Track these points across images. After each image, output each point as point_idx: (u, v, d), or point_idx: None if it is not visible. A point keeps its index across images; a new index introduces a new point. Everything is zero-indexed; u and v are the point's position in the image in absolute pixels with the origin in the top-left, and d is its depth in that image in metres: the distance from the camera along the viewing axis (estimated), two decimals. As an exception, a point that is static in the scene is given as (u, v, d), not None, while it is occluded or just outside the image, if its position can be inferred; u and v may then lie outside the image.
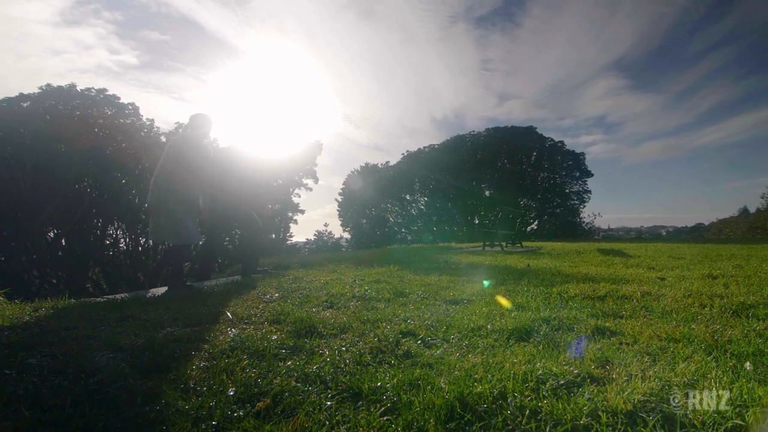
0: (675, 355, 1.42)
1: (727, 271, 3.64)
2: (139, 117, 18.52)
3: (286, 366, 1.41)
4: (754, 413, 0.94)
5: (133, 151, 17.54)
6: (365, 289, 3.31)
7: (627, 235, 32.46)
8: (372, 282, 3.72)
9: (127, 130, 17.89)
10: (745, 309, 2.10)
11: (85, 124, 16.24)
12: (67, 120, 16.01)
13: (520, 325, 1.86)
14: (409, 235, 28.28)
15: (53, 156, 14.76)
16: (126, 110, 18.14)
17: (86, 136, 16.02)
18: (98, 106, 17.44)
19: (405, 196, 28.40)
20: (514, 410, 1.01)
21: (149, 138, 18.71)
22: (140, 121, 18.59)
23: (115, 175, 17.08)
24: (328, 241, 24.93)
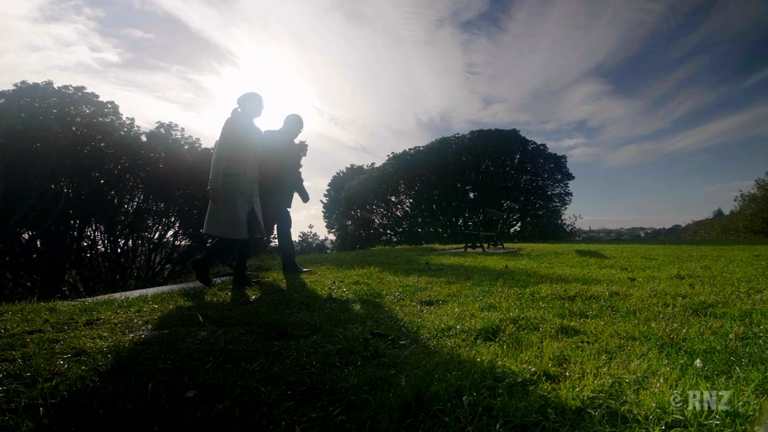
0: (631, 353, 1.46)
1: (694, 271, 3.76)
2: (118, 115, 18.14)
3: (251, 368, 1.41)
4: (693, 407, 0.98)
5: (113, 151, 17.17)
6: (343, 291, 3.31)
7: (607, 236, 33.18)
8: (351, 283, 3.72)
9: (106, 129, 17.50)
10: (705, 308, 2.18)
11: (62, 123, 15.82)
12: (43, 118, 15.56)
13: (488, 326, 1.90)
14: (395, 236, 28.33)
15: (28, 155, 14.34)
16: (105, 108, 17.74)
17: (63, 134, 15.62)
18: (76, 104, 17.00)
19: (390, 198, 28.45)
20: (468, 408, 1.04)
21: (129, 137, 18.34)
22: (120, 120, 18.21)
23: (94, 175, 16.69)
24: (312, 242, 24.81)
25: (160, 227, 19.28)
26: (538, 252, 7.18)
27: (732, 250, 6.29)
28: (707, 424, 0.93)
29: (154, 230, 18.91)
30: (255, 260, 8.02)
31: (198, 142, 20.33)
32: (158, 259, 19.05)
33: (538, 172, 26.90)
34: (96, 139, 16.98)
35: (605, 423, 0.96)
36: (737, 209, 23.99)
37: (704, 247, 7.21)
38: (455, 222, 26.42)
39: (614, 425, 0.95)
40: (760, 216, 20.68)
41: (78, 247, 16.25)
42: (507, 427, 0.96)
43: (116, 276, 16.71)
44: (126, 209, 18.10)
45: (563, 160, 26.89)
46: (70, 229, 16.23)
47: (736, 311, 2.06)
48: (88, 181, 16.09)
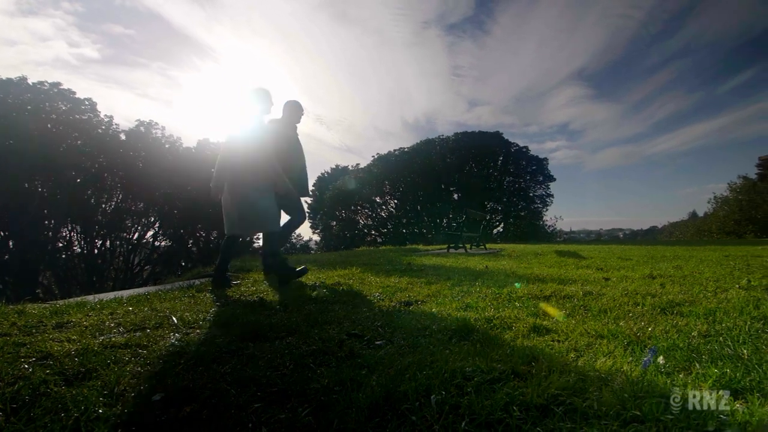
0: (598, 351, 1.50)
1: (666, 271, 3.87)
2: (96, 113, 17.70)
3: (223, 370, 1.40)
4: (650, 404, 1.02)
5: (90, 149, 16.75)
6: (323, 292, 3.31)
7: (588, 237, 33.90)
8: (332, 284, 3.72)
9: (84, 126, 17.06)
10: (673, 307, 2.25)
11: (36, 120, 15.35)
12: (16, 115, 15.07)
13: (463, 325, 1.92)
14: (380, 237, 28.36)
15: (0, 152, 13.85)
16: (82, 105, 17.29)
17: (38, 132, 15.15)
18: (52, 100, 16.52)
19: (375, 199, 28.47)
20: (436, 406, 1.05)
21: (108, 135, 17.91)
22: (98, 118, 17.77)
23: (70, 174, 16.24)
24: (297, 243, 24.62)
25: (140, 227, 18.87)
26: (519, 253, 7.29)
27: (704, 251, 6.50)
28: (663, 420, 0.96)
29: (133, 230, 18.50)
30: (236, 261, 7.92)
31: (179, 141, 19.99)
32: (137, 260, 18.64)
33: (520, 174, 27.32)
34: (72, 137, 16.53)
35: (567, 419, 0.99)
36: (711, 211, 24.82)
37: (678, 248, 7.42)
38: (439, 223, 26.60)
39: (575, 421, 0.98)
40: (731, 218, 21.42)
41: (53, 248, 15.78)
42: (472, 424, 0.98)
43: (93, 277, 16.30)
44: (104, 209, 17.66)
45: (545, 162, 27.39)
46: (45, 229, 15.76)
47: (702, 310, 2.14)
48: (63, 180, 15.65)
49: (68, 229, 16.93)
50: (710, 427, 0.92)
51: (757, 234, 17.43)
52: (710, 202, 25.18)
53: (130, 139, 18.59)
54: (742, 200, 21.53)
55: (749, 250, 6.46)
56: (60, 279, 16.01)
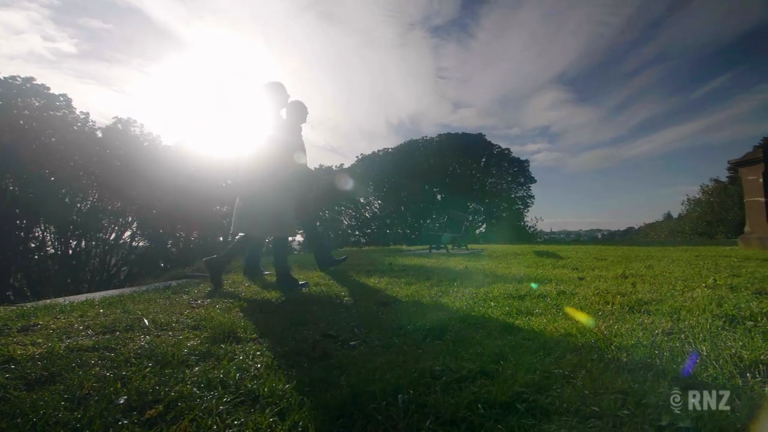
0: (566, 349, 1.54)
1: (638, 271, 3.98)
2: (71, 109, 17.19)
3: (192, 372, 1.38)
4: (609, 400, 1.05)
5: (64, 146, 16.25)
6: (302, 293, 3.29)
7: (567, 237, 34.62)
8: (311, 285, 3.69)
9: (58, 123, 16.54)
10: (641, 305, 2.32)
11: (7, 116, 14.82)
12: (-15, 111, 14.50)
13: (437, 325, 1.94)
14: (363, 237, 28.33)
15: (-33, 150, 13.33)
16: (57, 102, 16.76)
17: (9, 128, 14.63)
18: (24, 96, 15.97)
19: (359, 199, 28.44)
20: (402, 405, 1.06)
21: (83, 132, 17.41)
22: (73, 114, 17.26)
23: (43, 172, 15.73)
24: (279, 243, 24.34)
25: (117, 228, 18.39)
26: (499, 253, 7.38)
27: (676, 251, 6.71)
28: (620, 415, 0.99)
29: (110, 231, 18.02)
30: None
31: (159, 139, 19.54)
32: (114, 261, 18.16)
33: (502, 176, 27.71)
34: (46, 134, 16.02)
35: (529, 416, 1.01)
36: (684, 212, 25.66)
37: (651, 248, 7.64)
38: (423, 223, 26.74)
39: (537, 418, 1.00)
40: (704, 219, 22.18)
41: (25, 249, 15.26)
42: (437, 422, 0.99)
43: (67, 279, 15.81)
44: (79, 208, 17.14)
45: (526, 164, 27.85)
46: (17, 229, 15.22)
47: (668, 308, 2.21)
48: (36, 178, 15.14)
49: (41, 229, 16.38)
50: (664, 422, 0.96)
51: (728, 235, 18.06)
52: (684, 204, 26.06)
53: (107, 136, 18.10)
54: (714, 202, 22.32)
55: (718, 251, 6.70)
56: (32, 281, 15.48)
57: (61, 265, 16.08)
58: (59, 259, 16.09)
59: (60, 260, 16.09)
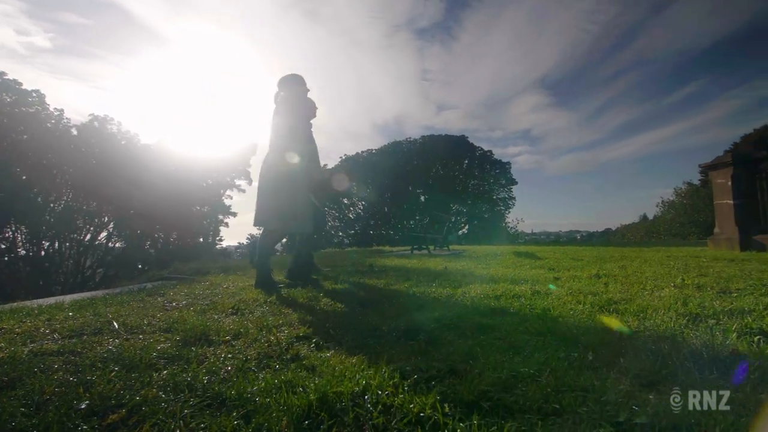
0: (535, 348, 1.57)
1: (611, 271, 4.09)
2: (45, 106, 16.67)
3: (159, 376, 1.36)
4: (570, 397, 1.08)
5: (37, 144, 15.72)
6: (280, 295, 3.26)
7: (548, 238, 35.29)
8: (287, 287, 3.67)
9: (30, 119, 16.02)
10: (611, 305, 2.38)
11: (-25, 112, 14.26)
12: (-49, 106, 13.95)
13: (412, 325, 1.96)
14: (347, 238, 28.25)
15: (-69, 147, 12.79)
16: (30, 98, 16.23)
17: (-24, 125, 14.09)
18: (-7, 92, 15.38)
19: (343, 200, 28.34)
20: (370, 406, 1.07)
21: (57, 130, 16.89)
22: (46, 111, 16.74)
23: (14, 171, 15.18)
24: (261, 244, 24.04)
25: (92, 228, 17.88)
26: (480, 254, 7.47)
27: (649, 252, 6.90)
28: (580, 412, 1.02)
29: (85, 231, 17.51)
30: (193, 263, 7.67)
31: (137, 137, 19.11)
32: (89, 263, 17.65)
33: (484, 177, 28.05)
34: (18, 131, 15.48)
35: (493, 414, 1.03)
36: (659, 214, 26.45)
37: (626, 249, 7.85)
38: (406, 224, 26.83)
39: (500, 416, 1.02)
40: (677, 220, 22.89)
41: (-7, 250, 14.72)
42: (402, 422, 1.00)
43: (39, 281, 15.30)
44: (52, 208, 16.61)
45: (508, 166, 28.26)
46: (-16, 230, 14.66)
47: (636, 307, 2.27)
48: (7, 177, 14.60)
49: (11, 230, 15.81)
50: (621, 417, 0.99)
51: (699, 236, 18.67)
52: (658, 206, 26.85)
53: (82, 134, 17.59)
54: (687, 204, 23.06)
55: (690, 251, 6.92)
56: (2, 283, 14.91)
57: (32, 267, 15.55)
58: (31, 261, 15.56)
59: (31, 262, 15.56)
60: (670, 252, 6.77)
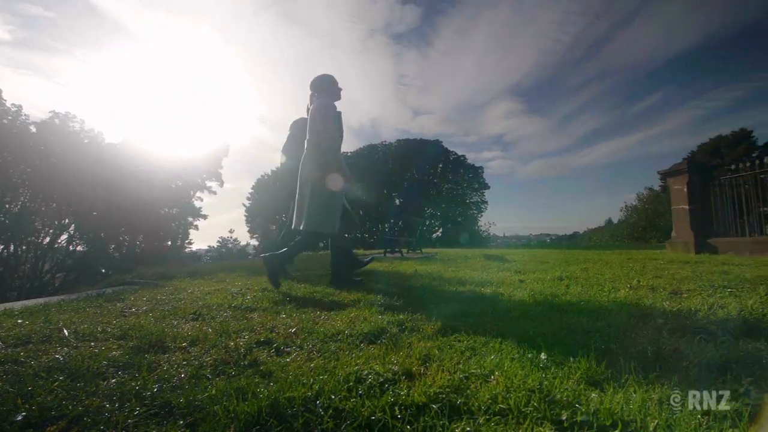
0: (491, 349, 1.61)
1: (574, 273, 4.23)
2: (2, 101, 15.80)
3: (106, 385, 1.31)
4: (517, 397, 1.11)
5: (-10, 142, 14.88)
6: (246, 299, 3.20)
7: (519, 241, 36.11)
8: (258, 291, 3.61)
9: (-17, 116, 15.13)
10: (569, 306, 2.46)
11: None
12: None
13: (375, 329, 1.96)
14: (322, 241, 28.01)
15: None
16: (-17, 93, 15.32)
17: (-77, 120, 13.23)
18: (-57, 85, 14.47)
19: (318, 202, 28.11)
20: (321, 410, 1.07)
21: (14, 126, 16.05)
22: (3, 107, 15.88)
23: (-36, 170, 14.30)
24: (233, 248, 23.54)
25: (51, 230, 17.04)
26: (451, 256, 7.57)
27: (611, 255, 7.18)
28: (524, 411, 1.05)
29: (43, 234, 16.66)
30: (159, 267, 7.43)
31: (101, 135, 18.38)
32: (47, 267, 16.79)
33: (458, 181, 28.50)
34: (-32, 127, 14.61)
35: (441, 416, 1.05)
36: (623, 218, 27.58)
37: (590, 252, 8.13)
38: (381, 227, 26.89)
39: (448, 418, 1.04)
40: (639, 225, 23.94)
41: (-60, 254, 13.82)
42: (352, 426, 1.01)
43: (-8, 286, 14.43)
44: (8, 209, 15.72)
45: (480, 170, 28.84)
46: (-70, 232, 13.76)
47: (592, 308, 2.36)
48: (-45, 176, 13.76)
49: (-39, 232, 14.88)
50: (563, 416, 1.03)
51: (659, 239, 19.56)
52: (622, 211, 27.99)
53: (42, 131, 16.77)
54: (648, 209, 24.16)
55: (649, 254, 7.24)
56: (-51, 288, 14.02)
57: (-15, 271, 14.69)
58: (-17, 265, 14.68)
59: (-16, 265, 14.68)
60: (631, 255, 7.06)
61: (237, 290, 3.67)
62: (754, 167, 7.25)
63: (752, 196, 7.23)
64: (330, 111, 3.73)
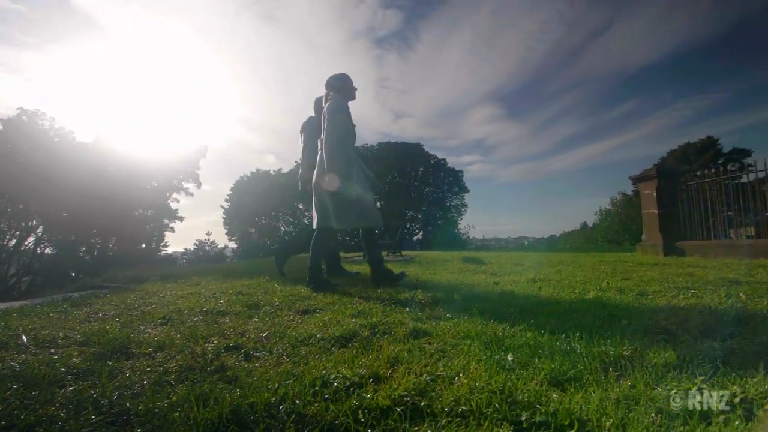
0: (460, 351, 1.63)
1: (547, 275, 4.31)
2: (-37, 98, 15.09)
3: (63, 393, 1.27)
4: (479, 399, 1.13)
5: (-48, 140, 14.24)
6: (219, 303, 3.14)
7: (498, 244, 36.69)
8: (233, 294, 3.55)
9: (-56, 113, 14.43)
10: (539, 307, 2.51)
11: None
12: None
13: (347, 332, 1.96)
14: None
15: None
16: (-57, 89, 14.62)
17: None
18: None
19: (298, 205, 27.90)
20: (284, 415, 1.06)
21: (-23, 124, 15.37)
22: (-35, 104, 15.16)
23: None
24: (210, 251, 23.07)
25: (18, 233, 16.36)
26: (430, 259, 7.62)
27: (585, 257, 7.36)
28: (485, 413, 1.07)
29: (9, 236, 15.98)
30: (131, 271, 7.23)
31: (72, 134, 17.78)
32: (13, 271, 16.10)
33: (439, 185, 28.75)
34: (-73, 124, 13.94)
35: (405, 419, 1.06)
36: (597, 222, 28.36)
37: (564, 254, 8.32)
38: (362, 230, 26.85)
39: (411, 420, 1.05)
40: (613, 228, 24.64)
41: None
42: (314, 431, 1.00)
43: (-49, 291, 13.75)
44: (-31, 210, 15.03)
45: (460, 174, 29.20)
46: None
47: (561, 309, 2.42)
48: None
49: None
50: (523, 417, 1.05)
51: (632, 242, 20.16)
52: (597, 214, 28.78)
53: (8, 129, 16.11)
54: (621, 213, 24.90)
55: (620, 257, 7.46)
56: None
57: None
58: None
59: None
60: (603, 257, 7.26)
61: (210, 294, 3.60)
62: (719, 173, 7.58)
63: (717, 201, 7.54)
64: (342, 110, 3.78)
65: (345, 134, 3.80)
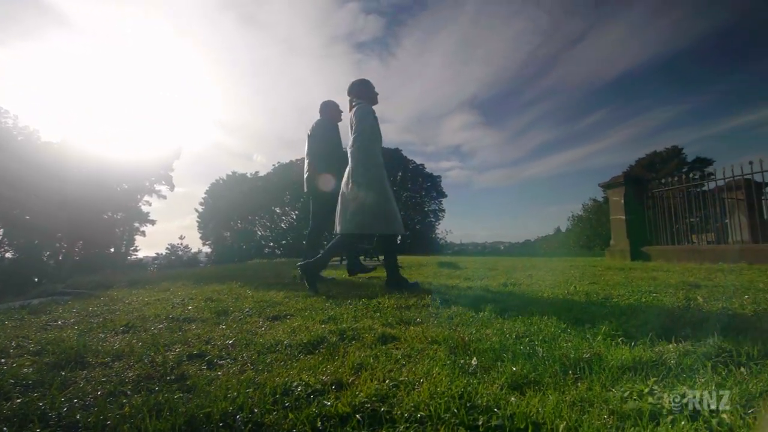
0: (426, 356, 1.64)
1: (519, 280, 4.40)
2: None
3: (8, 405, 1.21)
4: (439, 404, 1.14)
5: None
6: (187, 309, 3.07)
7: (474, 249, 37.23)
8: (202, 300, 3.47)
9: None
10: (507, 311, 2.55)
11: None
12: None
13: (314, 338, 1.94)
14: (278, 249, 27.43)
15: None
16: None
17: None
18: None
19: (275, 209, 27.55)
20: (240, 425, 1.04)
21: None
22: None
23: None
24: (183, 255, 22.45)
25: (-25, 236, 15.54)
26: (406, 264, 7.64)
27: (557, 262, 7.54)
28: (443, 418, 1.08)
29: (-35, 240, 15.17)
30: (96, 276, 6.98)
31: (37, 133, 17.06)
32: (-31, 276, 15.29)
33: (417, 190, 28.96)
34: None
35: (364, 426, 1.06)
36: (570, 227, 29.18)
37: (537, 259, 8.51)
38: (339, 234, 26.73)
39: (370, 427, 1.05)
40: (584, 233, 25.42)
41: None
42: (271, 440, 0.99)
43: None
44: None
45: (438, 179, 29.55)
46: None
47: (528, 313, 2.47)
48: None
49: None
50: (480, 421, 1.06)
51: (602, 247, 20.79)
52: (569, 220, 29.61)
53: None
54: (592, 219, 25.70)
55: (589, 261, 7.68)
56: None
57: None
58: None
59: None
60: (574, 262, 7.46)
61: (179, 300, 3.51)
62: (682, 181, 7.93)
63: (681, 207, 7.88)
64: (371, 115, 3.84)
65: (376, 139, 3.82)
